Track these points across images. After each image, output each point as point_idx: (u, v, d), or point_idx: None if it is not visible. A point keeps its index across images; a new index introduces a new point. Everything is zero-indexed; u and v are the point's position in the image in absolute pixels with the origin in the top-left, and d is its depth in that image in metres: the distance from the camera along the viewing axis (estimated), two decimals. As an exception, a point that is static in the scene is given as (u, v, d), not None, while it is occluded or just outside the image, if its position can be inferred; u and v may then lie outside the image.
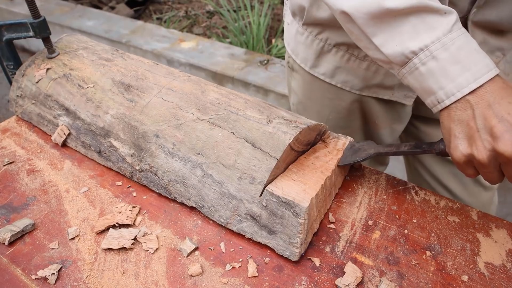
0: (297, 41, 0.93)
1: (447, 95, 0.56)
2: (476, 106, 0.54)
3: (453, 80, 0.55)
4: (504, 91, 0.54)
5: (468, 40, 0.56)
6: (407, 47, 0.58)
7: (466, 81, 0.55)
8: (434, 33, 0.56)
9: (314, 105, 0.97)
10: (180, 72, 0.84)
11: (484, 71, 0.54)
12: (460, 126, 0.56)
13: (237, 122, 0.68)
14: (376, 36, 0.60)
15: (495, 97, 0.53)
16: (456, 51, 0.55)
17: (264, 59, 2.54)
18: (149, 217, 0.69)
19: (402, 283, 0.59)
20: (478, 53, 0.56)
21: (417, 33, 0.57)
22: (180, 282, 0.59)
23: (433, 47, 0.56)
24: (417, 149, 0.65)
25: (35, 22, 0.83)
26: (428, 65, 0.57)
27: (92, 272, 0.60)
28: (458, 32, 0.56)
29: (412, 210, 0.70)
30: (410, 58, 0.58)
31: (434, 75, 0.57)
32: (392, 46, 0.59)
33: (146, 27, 2.99)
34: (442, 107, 0.58)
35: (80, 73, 0.84)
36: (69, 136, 0.81)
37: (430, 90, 0.58)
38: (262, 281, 0.59)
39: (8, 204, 0.71)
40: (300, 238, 0.60)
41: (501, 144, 0.51)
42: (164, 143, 0.71)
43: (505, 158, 0.52)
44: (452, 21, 0.56)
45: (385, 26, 0.59)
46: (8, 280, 0.59)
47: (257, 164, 0.64)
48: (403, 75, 0.61)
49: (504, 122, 0.51)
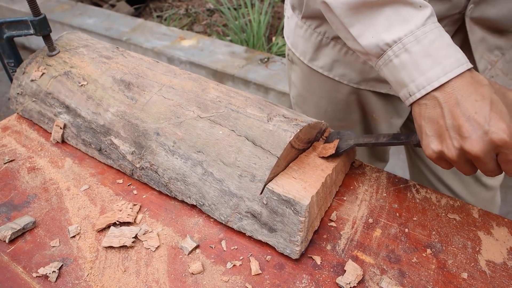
0: (296, 34, 0.93)
1: (417, 88, 0.57)
2: (445, 104, 0.54)
3: (423, 73, 0.56)
4: (471, 87, 0.54)
5: (442, 34, 0.57)
6: (382, 38, 0.58)
7: (436, 74, 0.55)
8: (407, 26, 0.56)
9: (313, 97, 0.98)
10: (180, 70, 0.84)
11: (454, 65, 0.55)
12: (430, 124, 0.57)
13: (237, 120, 0.68)
14: (353, 26, 0.61)
15: (462, 94, 0.53)
16: (428, 44, 0.56)
17: (265, 57, 2.54)
18: (150, 215, 0.69)
19: (403, 281, 0.59)
20: (450, 47, 0.56)
21: (391, 25, 0.57)
22: (181, 280, 0.59)
23: (406, 39, 0.56)
24: (395, 140, 0.66)
25: (35, 19, 0.83)
26: (401, 57, 0.57)
27: (93, 270, 0.60)
28: (431, 26, 0.56)
29: (413, 208, 0.70)
30: (385, 50, 0.59)
31: (406, 67, 0.57)
32: (368, 37, 0.60)
33: (147, 25, 2.98)
34: (414, 100, 0.58)
35: (81, 71, 0.84)
36: (70, 134, 0.81)
37: (403, 82, 0.58)
38: (263, 279, 0.59)
39: (9, 202, 0.71)
40: (301, 236, 0.60)
41: (468, 143, 0.52)
42: (165, 141, 0.71)
43: (472, 156, 0.53)
44: (426, 14, 0.57)
45: (361, 17, 0.59)
46: (8, 278, 0.59)
47: (257, 162, 0.64)
48: (379, 67, 0.62)
49: (471, 122, 0.52)
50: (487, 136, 0.51)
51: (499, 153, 0.53)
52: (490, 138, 0.51)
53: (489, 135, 0.51)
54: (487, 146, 0.52)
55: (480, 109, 0.52)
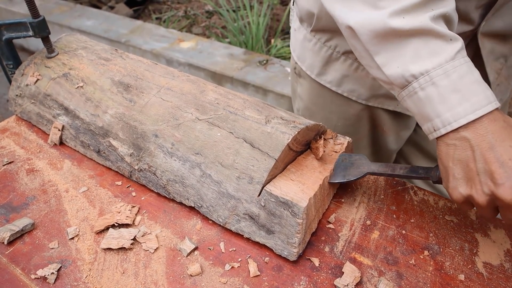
0: (304, 47, 0.91)
1: (443, 124, 0.55)
2: (477, 147, 0.53)
3: (450, 109, 0.54)
4: (505, 132, 0.52)
5: (471, 70, 0.55)
6: (408, 69, 0.56)
7: (464, 111, 0.53)
8: (436, 59, 0.55)
9: (322, 112, 0.96)
10: (179, 72, 0.84)
11: (483, 103, 0.53)
12: (459, 167, 0.55)
13: (235, 122, 0.68)
14: (378, 55, 0.59)
15: (496, 139, 0.52)
16: (457, 79, 0.54)
17: (263, 59, 2.54)
18: (148, 217, 0.69)
19: (400, 282, 0.59)
20: (480, 84, 0.54)
21: (419, 56, 0.56)
22: (180, 282, 0.59)
23: (434, 72, 0.55)
24: (413, 173, 0.64)
25: (34, 21, 0.83)
26: (427, 90, 0.55)
27: (92, 272, 0.60)
28: (461, 61, 0.55)
29: (411, 210, 0.71)
30: (410, 81, 0.57)
31: (432, 101, 0.55)
32: (393, 67, 0.58)
33: (145, 26, 2.99)
34: (438, 135, 0.56)
35: (79, 72, 0.84)
36: (68, 135, 0.81)
37: (427, 116, 0.57)
38: (261, 281, 0.59)
39: (8, 203, 0.71)
40: (298, 238, 0.60)
41: (502, 190, 0.51)
42: (163, 142, 0.71)
43: (504, 204, 0.52)
44: (456, 48, 0.55)
45: (388, 45, 0.58)
46: (7, 280, 0.59)
47: (255, 164, 0.64)
48: (403, 97, 0.60)
49: (506, 168, 0.51)
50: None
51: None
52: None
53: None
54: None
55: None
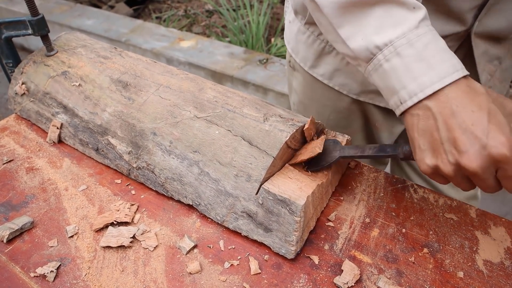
0: (298, 40, 0.92)
1: (409, 95, 0.52)
2: (439, 115, 0.50)
3: (416, 79, 0.51)
4: (467, 97, 0.49)
5: (436, 38, 0.53)
6: (372, 41, 0.54)
7: (430, 80, 0.51)
8: (399, 28, 0.52)
9: (315, 105, 0.96)
10: (178, 70, 0.84)
11: (450, 70, 0.50)
12: (423, 137, 0.52)
13: (234, 120, 0.68)
14: (342, 27, 0.57)
15: (458, 104, 0.49)
16: (422, 48, 0.52)
17: (264, 58, 2.54)
18: (148, 215, 0.69)
19: (400, 280, 0.59)
20: (445, 52, 0.52)
21: (382, 27, 0.53)
22: (179, 280, 0.59)
23: (397, 42, 0.52)
24: (381, 152, 0.63)
25: (33, 19, 0.83)
26: (392, 61, 0.53)
27: (91, 270, 0.60)
28: (425, 29, 0.52)
29: (411, 208, 0.70)
30: (375, 53, 0.54)
31: (397, 72, 0.53)
32: (357, 40, 0.56)
33: (146, 26, 2.99)
34: (404, 108, 0.54)
35: (78, 71, 0.84)
36: (67, 133, 0.81)
37: (393, 89, 0.54)
38: (261, 279, 0.59)
39: (7, 202, 0.71)
40: (296, 236, 0.60)
41: (465, 159, 0.48)
42: (161, 140, 0.71)
43: (470, 172, 0.49)
44: (419, 16, 0.53)
45: (351, 17, 0.56)
46: (7, 278, 0.59)
47: (253, 162, 0.64)
48: (369, 72, 0.57)
49: (468, 134, 0.48)
50: (485, 151, 0.47)
51: (499, 168, 0.48)
52: (489, 152, 0.47)
53: (487, 150, 0.47)
54: (485, 162, 0.48)
55: (477, 121, 0.48)
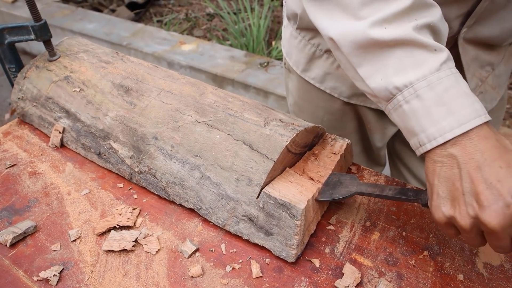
0: (291, 44, 0.93)
1: (428, 139, 0.52)
2: (464, 166, 0.49)
3: (436, 123, 0.51)
4: (496, 151, 0.48)
5: (458, 81, 0.52)
6: (391, 82, 0.54)
7: (449, 125, 0.50)
8: (420, 70, 0.52)
9: (309, 106, 0.98)
10: (179, 74, 0.84)
11: (471, 116, 0.49)
12: (444, 185, 0.51)
13: (234, 124, 0.69)
14: (361, 67, 0.57)
15: (486, 158, 0.48)
16: (443, 91, 0.51)
17: (264, 61, 2.55)
18: (150, 219, 0.69)
19: (401, 283, 0.59)
20: (467, 97, 0.51)
21: (402, 68, 0.53)
22: (181, 284, 0.59)
23: (417, 84, 0.52)
24: (402, 195, 0.60)
25: (36, 25, 0.84)
26: (411, 104, 0.52)
27: (94, 274, 0.60)
28: (447, 72, 0.52)
29: (411, 211, 0.71)
30: (394, 94, 0.54)
31: (416, 115, 0.52)
32: (377, 79, 0.55)
33: (147, 29, 3.00)
34: (424, 150, 0.53)
35: (81, 75, 0.85)
36: (70, 138, 0.82)
37: (413, 131, 0.54)
38: (262, 282, 0.60)
39: (10, 206, 0.71)
40: (297, 240, 0.60)
41: (486, 214, 0.47)
42: (163, 145, 0.71)
43: (488, 229, 0.47)
44: (441, 59, 0.52)
45: (370, 57, 0.55)
46: (10, 282, 0.60)
47: (254, 166, 0.64)
48: (389, 111, 0.57)
49: (492, 190, 0.46)
50: (509, 210, 0.46)
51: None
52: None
53: (511, 209, 0.46)
54: (507, 221, 0.46)
55: (504, 178, 0.46)
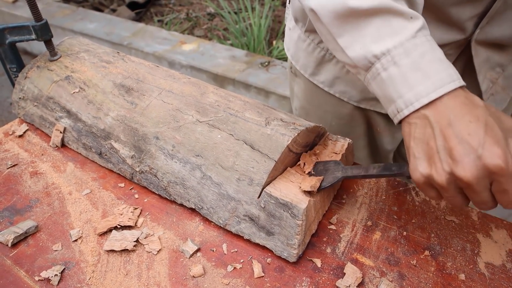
0: (298, 47, 0.92)
1: (405, 104, 0.53)
2: (436, 124, 0.50)
3: (412, 88, 0.52)
4: (465, 107, 0.49)
5: (433, 47, 0.53)
6: (370, 50, 0.55)
7: (426, 90, 0.51)
8: (397, 37, 0.53)
9: (317, 111, 0.96)
10: (180, 74, 0.84)
11: (446, 80, 0.51)
12: (419, 145, 0.52)
13: (236, 124, 0.69)
14: (341, 37, 0.58)
15: (456, 115, 0.49)
16: (418, 57, 0.52)
17: (265, 61, 2.55)
18: (151, 218, 0.69)
19: (402, 283, 0.59)
20: (442, 62, 0.52)
21: (380, 36, 0.54)
22: (182, 283, 0.59)
23: (395, 51, 0.53)
24: (386, 171, 0.61)
25: (37, 25, 0.84)
26: (389, 70, 0.54)
27: (95, 274, 0.60)
28: (422, 39, 0.53)
29: (413, 211, 0.71)
30: (373, 62, 0.55)
31: (394, 82, 0.53)
32: (356, 49, 0.56)
33: (147, 29, 3.00)
34: (401, 117, 0.54)
35: (81, 75, 0.85)
36: (71, 138, 0.82)
37: (391, 98, 0.54)
38: (264, 282, 0.60)
39: (12, 206, 0.71)
40: (298, 239, 0.60)
41: (460, 168, 0.47)
42: (164, 144, 0.71)
43: (464, 183, 0.48)
44: (417, 26, 0.53)
45: (349, 26, 0.56)
46: (11, 282, 0.60)
47: (255, 166, 0.64)
48: (368, 81, 0.58)
49: (464, 144, 0.47)
50: (480, 161, 0.47)
51: (494, 181, 0.48)
52: (484, 163, 0.46)
53: (482, 160, 0.46)
54: (480, 172, 0.47)
55: (474, 131, 0.48)
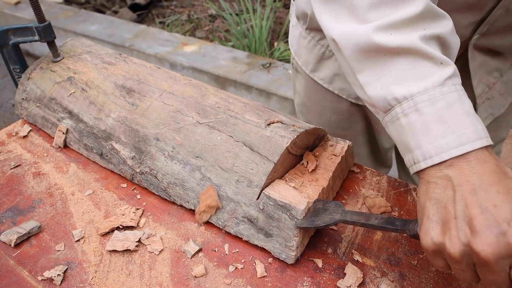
0: (300, 44, 0.93)
1: (423, 157, 0.48)
2: (459, 188, 0.45)
3: (433, 141, 0.47)
4: (495, 176, 0.44)
5: (462, 99, 0.48)
6: (391, 92, 0.50)
7: (448, 145, 0.46)
8: (422, 83, 0.49)
9: (316, 107, 0.98)
10: (181, 76, 0.85)
11: (471, 138, 0.46)
12: (436, 207, 0.47)
13: (235, 125, 0.69)
14: (361, 73, 0.54)
15: (483, 182, 0.44)
16: (444, 108, 0.47)
17: (267, 62, 2.55)
18: (153, 219, 0.69)
19: (403, 283, 0.59)
20: (470, 116, 0.47)
21: (404, 78, 0.50)
22: (184, 283, 0.60)
23: (418, 97, 0.48)
24: (388, 225, 0.55)
25: (40, 26, 0.85)
26: (410, 117, 0.49)
27: (98, 274, 0.61)
28: (451, 88, 0.48)
29: (414, 211, 0.71)
30: (393, 105, 0.51)
31: (414, 130, 0.49)
32: (376, 88, 0.52)
33: (149, 31, 3.01)
34: (418, 169, 0.49)
35: (83, 76, 0.85)
36: (72, 138, 0.82)
37: (409, 147, 0.50)
38: (265, 282, 0.60)
39: (15, 206, 0.72)
40: (296, 241, 0.61)
41: (478, 241, 0.42)
42: (164, 146, 0.72)
43: (480, 259, 0.42)
44: (447, 74, 0.49)
45: (372, 63, 0.52)
46: (14, 282, 0.60)
47: (254, 168, 0.64)
48: (386, 123, 0.54)
49: (487, 215, 0.42)
50: (504, 238, 0.41)
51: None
52: (508, 241, 0.41)
53: (507, 237, 0.41)
54: (502, 250, 0.41)
55: (501, 204, 0.42)
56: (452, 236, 0.44)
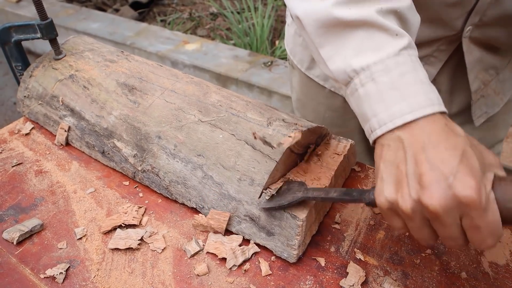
0: (295, 42, 0.94)
1: (379, 124, 0.49)
2: (409, 148, 0.46)
3: (387, 108, 0.49)
4: (443, 134, 0.46)
5: (416, 68, 0.50)
6: (350, 64, 0.52)
7: (400, 111, 0.48)
8: (378, 53, 0.50)
9: (311, 103, 0.98)
10: (183, 74, 0.85)
11: (424, 104, 0.47)
12: (389, 168, 0.48)
13: (237, 124, 0.69)
14: (323, 47, 0.55)
15: (432, 140, 0.45)
16: (398, 76, 0.49)
17: (268, 61, 2.55)
18: (155, 217, 0.69)
19: (406, 282, 0.59)
20: (424, 85, 0.49)
21: (361, 50, 0.52)
22: (187, 282, 0.60)
23: (374, 68, 0.50)
24: (346, 196, 0.57)
25: (42, 23, 0.84)
26: (366, 87, 0.51)
27: (100, 272, 0.61)
28: (406, 58, 0.50)
29: (416, 210, 0.71)
30: (352, 77, 0.52)
31: (370, 99, 0.50)
32: (336, 61, 0.54)
33: (150, 29, 3.01)
34: (375, 137, 0.50)
35: (85, 74, 0.85)
36: (74, 136, 0.82)
37: (366, 116, 0.51)
38: (268, 280, 0.60)
39: (17, 204, 0.72)
40: (298, 240, 0.61)
41: (427, 195, 0.43)
42: (166, 144, 0.72)
43: (430, 212, 0.43)
44: (402, 44, 0.51)
45: (333, 37, 0.54)
46: (17, 280, 0.60)
47: (256, 166, 0.64)
48: (347, 96, 0.55)
49: (435, 171, 0.43)
50: (450, 190, 0.42)
51: (464, 216, 0.43)
52: (454, 192, 0.42)
53: (453, 189, 0.42)
54: (449, 202, 0.42)
55: (448, 159, 0.43)
56: (404, 194, 0.45)
